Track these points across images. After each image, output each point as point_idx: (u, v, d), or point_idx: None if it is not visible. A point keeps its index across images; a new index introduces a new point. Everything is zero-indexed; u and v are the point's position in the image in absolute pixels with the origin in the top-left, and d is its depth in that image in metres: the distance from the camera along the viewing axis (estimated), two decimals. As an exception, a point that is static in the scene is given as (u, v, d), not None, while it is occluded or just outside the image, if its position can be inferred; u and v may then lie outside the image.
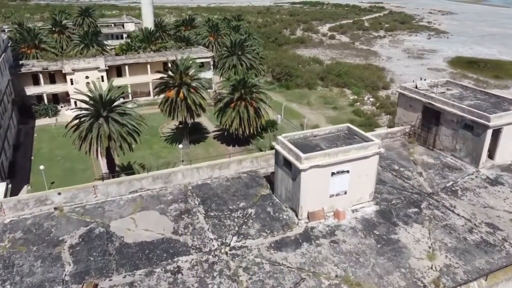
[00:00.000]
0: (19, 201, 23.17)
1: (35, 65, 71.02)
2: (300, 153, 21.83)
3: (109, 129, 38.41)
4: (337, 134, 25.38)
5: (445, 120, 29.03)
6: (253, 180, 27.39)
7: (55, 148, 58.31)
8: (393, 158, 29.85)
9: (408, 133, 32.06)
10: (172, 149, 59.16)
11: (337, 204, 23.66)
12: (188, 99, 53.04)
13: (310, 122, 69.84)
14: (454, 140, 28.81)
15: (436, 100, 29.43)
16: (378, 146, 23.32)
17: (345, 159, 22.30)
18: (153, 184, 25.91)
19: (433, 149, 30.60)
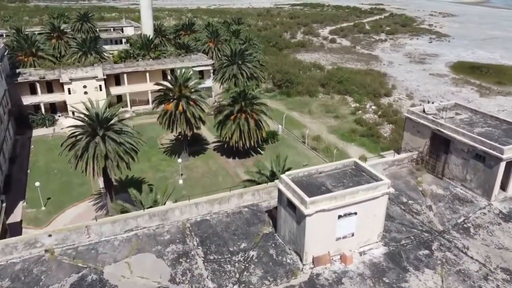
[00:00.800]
0: (7, 245, 21.83)
1: (32, 74, 69.79)
2: (305, 197, 20.61)
3: (106, 148, 37.21)
4: (343, 170, 24.20)
5: (455, 149, 27.86)
6: (255, 215, 26.12)
7: (51, 161, 57.09)
8: (401, 188, 28.64)
9: (416, 159, 30.88)
10: (171, 161, 58.04)
11: (344, 247, 22.47)
12: (187, 112, 51.86)
13: (311, 132, 68.77)
14: (465, 170, 27.65)
15: (445, 127, 28.24)
16: (388, 186, 22.14)
17: (353, 202, 21.12)
18: (150, 222, 24.67)
19: (442, 178, 29.43)
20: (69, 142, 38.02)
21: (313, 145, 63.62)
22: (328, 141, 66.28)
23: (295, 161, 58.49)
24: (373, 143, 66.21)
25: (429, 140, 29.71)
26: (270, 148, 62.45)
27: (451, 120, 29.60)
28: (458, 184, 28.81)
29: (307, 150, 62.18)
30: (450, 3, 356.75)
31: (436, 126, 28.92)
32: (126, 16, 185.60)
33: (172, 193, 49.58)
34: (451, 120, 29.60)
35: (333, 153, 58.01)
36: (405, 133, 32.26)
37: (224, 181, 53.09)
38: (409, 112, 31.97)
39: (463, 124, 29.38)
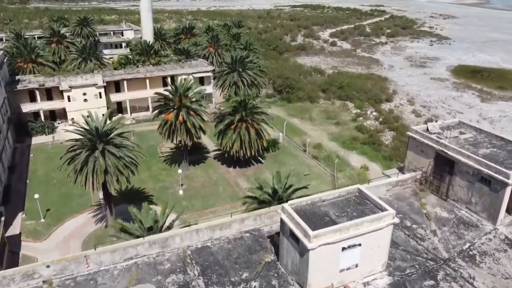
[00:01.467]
0: (4, 277, 21.31)
1: (32, 81, 69.44)
2: (308, 230, 20.13)
3: (105, 163, 36.84)
4: (347, 197, 23.77)
5: (459, 171, 27.45)
6: (256, 242, 25.57)
7: (51, 170, 56.67)
8: (404, 211, 28.17)
9: (420, 179, 30.46)
10: (172, 171, 57.69)
11: (348, 279, 22.02)
12: (187, 122, 51.51)
13: (312, 140, 68.38)
14: (470, 192, 27.24)
15: (449, 148, 27.79)
16: (392, 217, 21.73)
17: (357, 234, 20.70)
18: (150, 250, 24.17)
19: (446, 199, 29.00)
20: (69, 156, 37.57)
21: (314, 154, 63.27)
22: (329, 149, 65.92)
23: (296, 170, 58.20)
24: (374, 151, 65.85)
25: (433, 160, 29.26)
26: (271, 157, 62.14)
27: (455, 139, 29.15)
28: (463, 206, 28.34)
29: (308, 159, 61.82)
30: (450, 4, 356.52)
31: (440, 146, 28.47)
32: (126, 19, 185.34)
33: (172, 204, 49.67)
34: (455, 139, 29.15)
35: (334, 162, 57.64)
36: (408, 152, 31.80)
37: (225, 191, 52.82)
38: (413, 131, 31.52)
39: (467, 144, 28.93)
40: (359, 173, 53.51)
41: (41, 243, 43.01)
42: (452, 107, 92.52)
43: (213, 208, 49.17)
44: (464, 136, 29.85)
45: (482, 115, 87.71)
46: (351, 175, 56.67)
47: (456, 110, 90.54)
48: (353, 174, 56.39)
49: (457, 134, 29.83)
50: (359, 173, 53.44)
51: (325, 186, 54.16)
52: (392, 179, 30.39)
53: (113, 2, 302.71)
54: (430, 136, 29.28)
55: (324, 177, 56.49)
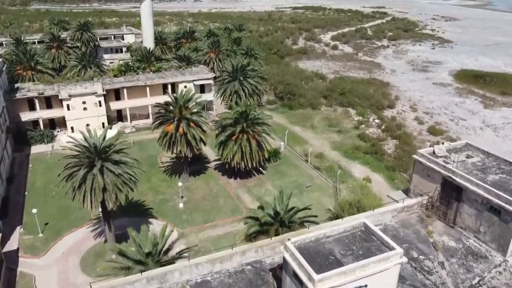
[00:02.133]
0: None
1: (31, 89, 68.86)
2: (313, 274, 19.28)
3: (104, 181, 36.16)
4: (352, 233, 22.95)
5: (467, 198, 26.67)
6: (258, 275, 24.72)
7: (50, 181, 55.98)
8: (411, 239, 27.34)
9: (426, 205, 29.67)
10: (172, 182, 57.03)
11: (353, 318, 21.32)
12: (188, 134, 50.84)
13: (314, 149, 67.67)
14: (478, 221, 26.43)
15: (457, 174, 27.03)
16: (400, 256, 20.92)
17: (364, 275, 19.89)
18: (147, 286, 23.41)
19: (453, 226, 28.21)
20: (66, 173, 36.90)
21: (316, 164, 62.54)
22: (331, 158, 65.20)
23: (297, 181, 57.58)
24: (377, 161, 65.16)
25: (439, 185, 28.48)
26: (272, 167, 61.46)
27: (462, 164, 28.39)
28: (471, 235, 27.54)
29: (310, 169, 61.10)
30: (452, 5, 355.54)
31: (447, 172, 27.71)
32: (127, 22, 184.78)
33: (173, 218, 49.03)
34: (462, 164, 28.39)
35: (336, 174, 56.89)
36: (414, 175, 30.98)
37: (225, 204, 52.15)
38: (419, 154, 30.74)
39: (475, 169, 28.14)
40: (361, 186, 52.75)
41: (39, 259, 42.35)
42: (454, 113, 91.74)
43: (214, 222, 48.54)
44: (472, 160, 29.05)
45: (485, 122, 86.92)
46: (353, 187, 55.95)
47: (459, 116, 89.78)
48: (355, 186, 55.68)
49: (465, 157, 29.03)
50: (362, 186, 52.68)
51: (327, 198, 53.52)
52: (398, 205, 29.58)
53: (114, 3, 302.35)
54: (437, 161, 28.50)
55: (326, 189, 55.78)
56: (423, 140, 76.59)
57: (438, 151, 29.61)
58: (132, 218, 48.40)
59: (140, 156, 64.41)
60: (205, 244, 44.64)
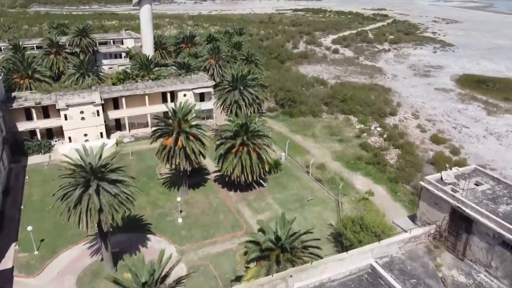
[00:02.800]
0: None
1: (28, 98, 67.80)
2: None
3: (100, 202, 35.11)
4: (358, 275, 21.94)
5: (478, 231, 25.54)
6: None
7: (46, 194, 54.79)
8: (418, 274, 26.12)
9: (434, 234, 28.52)
10: (170, 195, 55.98)
11: None
12: (187, 148, 49.79)
13: (315, 160, 66.65)
14: (489, 255, 25.25)
15: (466, 205, 25.89)
16: None
17: None
18: None
19: (463, 259, 27.01)
20: (61, 193, 35.85)
21: (318, 175, 61.50)
22: (333, 169, 64.16)
23: (298, 194, 56.54)
24: (379, 173, 64.12)
25: (448, 215, 27.35)
26: (273, 179, 60.40)
27: (472, 192, 27.28)
28: (481, 269, 26.32)
29: (311, 181, 60.04)
30: (453, 7, 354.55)
31: (456, 202, 26.61)
32: (127, 25, 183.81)
33: (171, 234, 47.97)
34: (472, 192, 27.28)
35: (339, 187, 55.80)
36: (421, 202, 29.87)
37: (225, 219, 51.10)
38: (426, 181, 29.59)
39: (485, 198, 27.01)
40: (365, 203, 51.65)
41: (34, 278, 41.34)
42: (457, 121, 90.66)
43: (213, 238, 47.52)
44: (482, 188, 27.92)
45: (489, 130, 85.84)
46: (355, 201, 54.91)
47: (462, 124, 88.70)
48: (358, 200, 54.62)
49: (473, 185, 27.91)
50: (365, 203, 51.57)
51: (329, 212, 52.48)
52: (405, 236, 28.40)
53: (114, 5, 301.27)
54: (445, 189, 27.37)
55: (328, 203, 54.73)
56: (426, 149, 75.58)
57: (446, 178, 28.53)
58: (130, 234, 47.47)
59: (138, 167, 63.95)
60: (205, 262, 43.70)
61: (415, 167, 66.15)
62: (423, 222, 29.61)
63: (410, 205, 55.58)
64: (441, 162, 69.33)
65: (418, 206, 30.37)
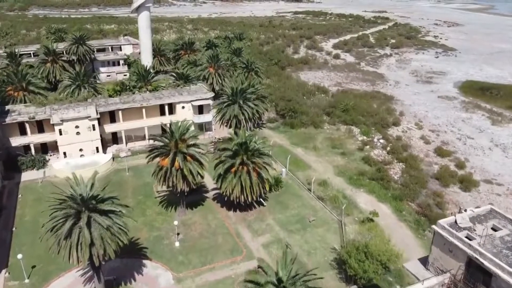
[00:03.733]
0: None
1: (22, 112, 65.98)
2: None
3: (91, 235, 33.26)
4: None
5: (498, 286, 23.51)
6: None
7: (39, 214, 52.93)
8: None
9: (448, 284, 26.54)
10: (168, 215, 54.16)
11: None
12: (184, 169, 47.97)
13: (317, 175, 64.95)
14: (511, 313, 23.29)
15: (485, 257, 23.86)
16: None
17: None
18: None
19: (482, 315, 25.06)
20: (50, 225, 34.03)
21: (320, 193, 59.78)
22: (335, 185, 62.42)
23: (300, 214, 54.76)
24: (383, 189, 62.34)
25: (464, 264, 25.46)
26: (274, 197, 58.56)
27: (489, 239, 25.40)
28: (501, 327, 24.41)
29: (313, 200, 58.23)
30: (454, 10, 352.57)
31: (472, 251, 24.69)
32: (126, 29, 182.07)
33: (168, 259, 46.15)
34: (489, 239, 25.40)
35: (342, 208, 53.99)
36: (433, 248, 27.93)
37: (225, 242, 49.29)
38: (439, 226, 27.61)
39: (505, 247, 25.07)
40: (369, 227, 49.80)
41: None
42: (462, 131, 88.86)
43: (212, 264, 45.73)
44: (500, 234, 26.02)
45: (494, 141, 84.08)
46: (359, 221, 53.17)
47: (467, 135, 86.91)
48: (361, 221, 52.85)
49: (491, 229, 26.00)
50: (370, 227, 49.73)
51: (332, 235, 50.70)
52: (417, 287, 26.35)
53: (113, 8, 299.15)
54: (460, 236, 25.43)
55: (330, 224, 52.91)
56: (430, 162, 73.83)
57: (460, 221, 26.63)
58: (125, 259, 45.53)
59: (135, 184, 62.14)
60: (202, 291, 41.95)
61: (419, 183, 64.43)
62: (435, 268, 27.68)
63: (415, 225, 54.03)
64: (446, 176, 67.76)
65: (430, 250, 28.44)
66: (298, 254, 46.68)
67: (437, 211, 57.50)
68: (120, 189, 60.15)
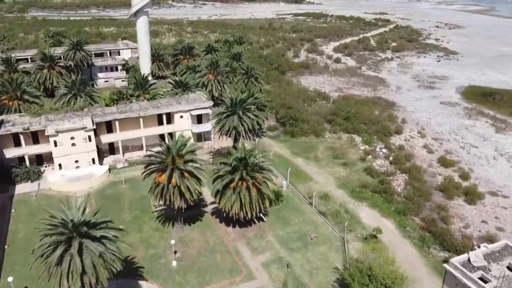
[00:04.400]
0: None
1: (16, 123, 64.43)
2: None
3: (82, 263, 31.69)
4: None
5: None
6: None
7: (32, 231, 51.13)
8: None
9: (461, 326, 25.12)
10: (165, 232, 52.61)
11: None
12: (181, 186, 46.42)
13: (319, 187, 63.49)
14: None
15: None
16: None
17: None
18: None
19: None
20: (39, 252, 32.45)
21: (321, 207, 58.19)
22: (337, 198, 60.86)
23: (301, 230, 53.24)
24: (386, 203, 60.76)
25: (479, 307, 23.97)
26: (274, 212, 56.96)
27: (506, 281, 23.88)
28: None
29: (315, 215, 56.68)
30: (455, 11, 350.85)
31: (489, 295, 23.23)
32: (125, 32, 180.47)
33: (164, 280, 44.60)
34: (506, 281, 23.88)
35: (344, 224, 52.42)
36: (444, 286, 26.51)
37: (223, 261, 47.73)
38: (452, 265, 26.11)
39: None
40: (373, 246, 48.24)
41: None
42: (465, 139, 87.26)
43: (210, 285, 44.21)
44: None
45: (499, 150, 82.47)
46: (362, 238, 51.63)
47: (470, 143, 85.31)
48: (365, 238, 51.29)
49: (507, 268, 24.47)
50: (373, 246, 48.17)
51: (334, 253, 49.15)
52: None
53: (112, 10, 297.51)
54: (474, 278, 23.92)
55: (333, 241, 51.34)
56: (434, 173, 72.23)
57: (474, 259, 25.12)
58: (120, 280, 43.92)
59: (132, 197, 60.54)
60: (200, 316, 40.41)
61: (423, 196, 62.87)
62: (447, 309, 26.28)
63: (420, 242, 52.49)
64: (451, 188, 66.21)
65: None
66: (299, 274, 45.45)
67: (442, 226, 56.02)
68: (117, 203, 58.84)
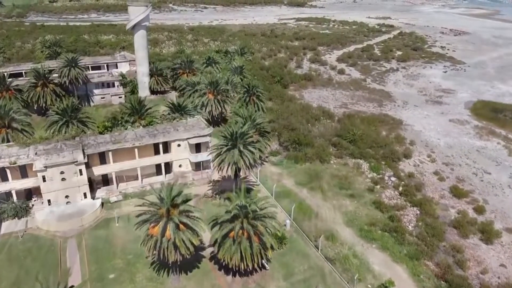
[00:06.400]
0: None
1: (3, 155, 60.61)
2: None
3: None
4: None
5: None
6: None
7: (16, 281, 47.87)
8: None
9: None
10: (159, 282, 48.67)
11: None
12: (176, 239, 42.47)
13: (324, 225, 59.62)
14: None
15: None
16: None
17: None
18: None
19: None
20: None
21: (328, 251, 54.32)
22: (345, 239, 56.95)
23: (307, 281, 49.41)
24: (397, 244, 56.75)
25: None
26: (277, 257, 52.92)
27: None
28: None
29: (321, 260, 52.68)
30: (459, 15, 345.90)
31: None
32: (124, 40, 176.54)
33: None
34: None
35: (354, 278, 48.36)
36: None
37: (222, 320, 43.74)
38: None
39: None
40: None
41: None
42: (477, 163, 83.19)
43: None
44: None
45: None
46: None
47: (483, 169, 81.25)
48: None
49: None
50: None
51: (343, 310, 45.12)
52: None
53: (112, 14, 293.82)
54: None
55: (341, 295, 47.34)
56: (447, 206, 68.33)
57: None
58: None
59: (125, 238, 56.47)
60: None
61: (436, 235, 58.89)
62: None
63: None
64: (465, 225, 62.28)
65: None
66: None
67: (458, 273, 52.10)
68: (109, 246, 55.00)
